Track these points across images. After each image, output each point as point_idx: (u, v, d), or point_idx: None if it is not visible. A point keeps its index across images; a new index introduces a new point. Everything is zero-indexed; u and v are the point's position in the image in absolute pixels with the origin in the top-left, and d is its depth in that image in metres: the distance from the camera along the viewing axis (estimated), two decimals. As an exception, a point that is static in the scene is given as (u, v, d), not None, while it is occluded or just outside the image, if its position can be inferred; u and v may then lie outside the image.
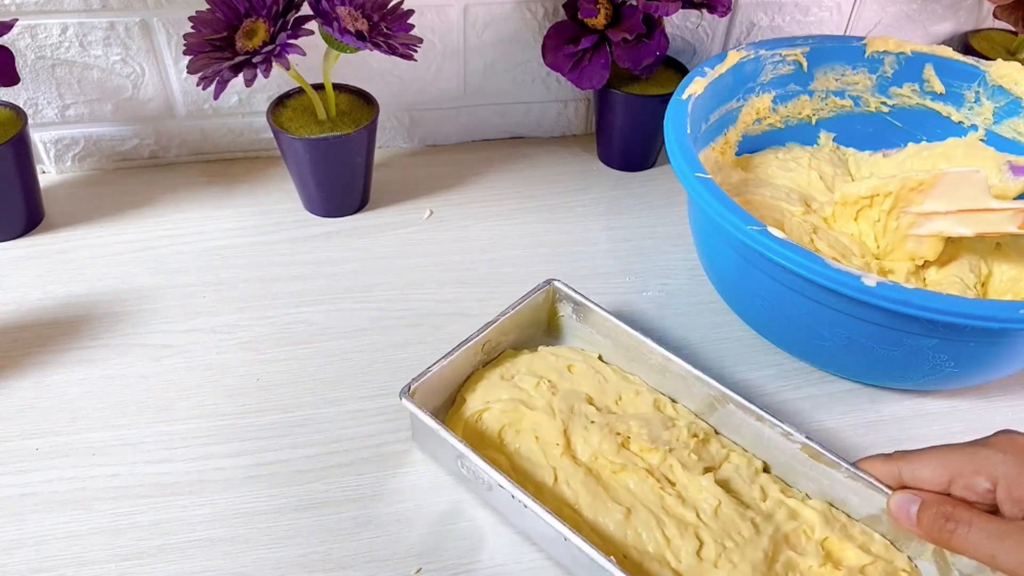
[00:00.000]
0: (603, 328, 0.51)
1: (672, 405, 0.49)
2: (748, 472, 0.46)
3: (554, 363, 0.51)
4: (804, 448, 0.44)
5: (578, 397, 0.49)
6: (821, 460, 0.43)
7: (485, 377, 0.50)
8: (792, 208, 0.58)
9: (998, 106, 0.62)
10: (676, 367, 0.48)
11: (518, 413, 0.47)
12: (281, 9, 0.53)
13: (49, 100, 0.64)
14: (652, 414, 0.48)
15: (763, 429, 0.45)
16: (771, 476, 0.46)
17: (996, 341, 0.45)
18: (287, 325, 0.56)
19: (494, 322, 0.49)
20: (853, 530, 0.43)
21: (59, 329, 0.54)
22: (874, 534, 0.43)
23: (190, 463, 0.47)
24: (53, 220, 0.63)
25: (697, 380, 0.47)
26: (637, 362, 0.50)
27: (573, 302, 0.52)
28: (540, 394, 0.48)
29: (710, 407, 0.48)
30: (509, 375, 0.50)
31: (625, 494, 0.44)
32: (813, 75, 0.64)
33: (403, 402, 0.44)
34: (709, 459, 0.46)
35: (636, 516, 0.43)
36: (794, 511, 0.44)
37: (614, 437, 0.46)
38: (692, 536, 0.42)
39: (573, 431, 0.46)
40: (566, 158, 0.74)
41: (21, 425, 0.48)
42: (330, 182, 0.63)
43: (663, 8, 0.60)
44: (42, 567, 0.41)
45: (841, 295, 0.43)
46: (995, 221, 0.52)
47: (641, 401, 0.49)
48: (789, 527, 0.43)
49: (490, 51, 0.69)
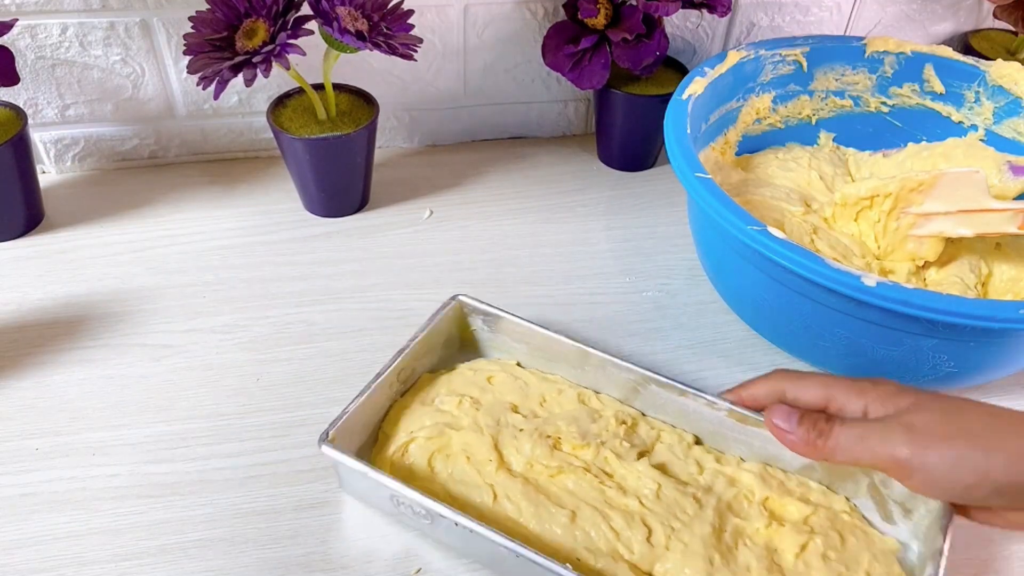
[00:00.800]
0: (516, 334, 0.50)
1: (596, 397, 0.49)
2: (681, 448, 0.46)
3: (473, 378, 0.50)
4: (730, 413, 0.45)
5: (503, 408, 0.48)
6: (748, 422, 0.45)
7: (405, 407, 0.48)
8: (792, 208, 0.58)
9: (998, 106, 0.62)
10: (594, 358, 0.48)
11: (444, 437, 0.46)
12: (281, 9, 0.53)
13: (49, 100, 0.64)
14: (578, 410, 0.48)
15: (687, 403, 0.46)
16: (703, 447, 0.47)
17: (996, 341, 0.45)
18: (287, 325, 0.56)
19: (405, 349, 0.48)
20: (790, 483, 0.45)
21: (59, 329, 0.54)
22: (810, 483, 0.45)
23: (190, 463, 0.47)
24: (53, 220, 0.63)
25: (616, 367, 0.47)
26: (555, 361, 0.50)
27: (482, 314, 0.51)
28: (464, 413, 0.47)
29: (633, 391, 0.48)
30: (429, 400, 0.48)
31: (567, 496, 0.43)
32: (813, 75, 0.64)
33: (323, 450, 0.42)
34: (641, 444, 0.46)
35: (581, 516, 0.42)
36: (732, 478, 0.45)
37: (545, 441, 0.45)
38: (639, 524, 0.42)
39: (504, 444, 0.46)
40: (566, 158, 0.74)
41: (21, 425, 0.48)
42: (330, 182, 0.63)
43: (663, 8, 0.60)
44: (42, 567, 0.41)
45: (841, 295, 0.43)
46: (995, 221, 0.52)
47: (565, 399, 0.49)
48: (730, 495, 0.44)
49: (490, 51, 0.69)
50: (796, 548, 0.41)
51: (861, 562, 0.41)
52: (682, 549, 0.41)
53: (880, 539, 0.43)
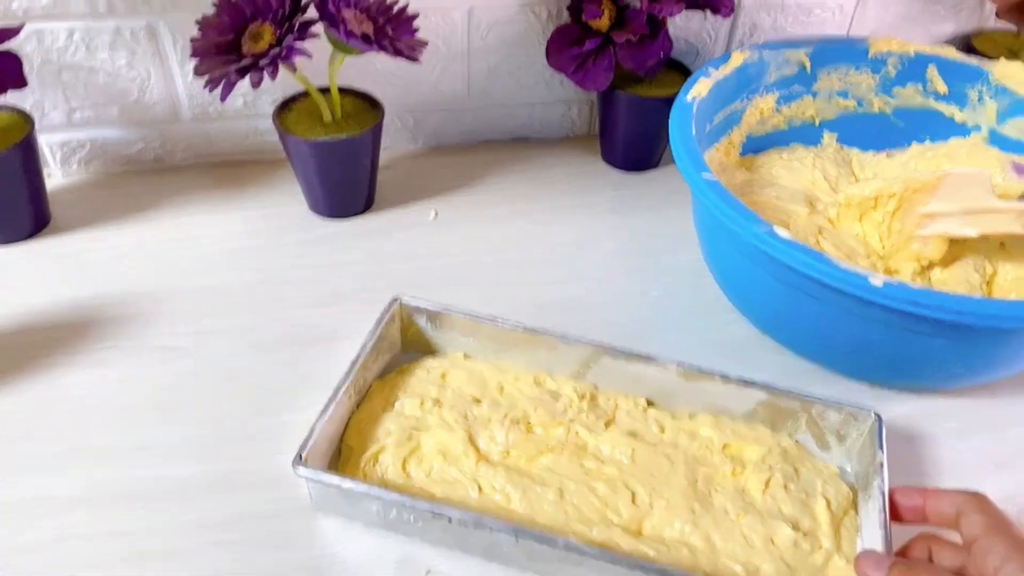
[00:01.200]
0: (463, 327, 0.51)
1: (551, 377, 0.51)
2: (638, 412, 0.49)
3: (427, 378, 0.50)
4: (678, 372, 0.48)
5: (466, 402, 0.49)
6: (694, 378, 0.48)
7: (365, 418, 0.48)
8: (797, 209, 0.58)
9: (1001, 106, 0.62)
10: (543, 340, 0.50)
11: (414, 441, 0.46)
12: (287, 12, 0.54)
13: (56, 104, 0.64)
14: (538, 392, 0.50)
15: (638, 368, 0.49)
16: (657, 408, 0.50)
17: (1004, 340, 0.45)
18: (295, 327, 0.56)
19: (358, 359, 0.47)
20: (741, 429, 0.48)
21: (66, 332, 0.55)
22: (757, 426, 0.49)
23: (201, 465, 0.47)
24: (59, 223, 0.63)
25: (566, 345, 0.49)
26: (505, 348, 0.51)
27: (426, 312, 0.51)
28: (428, 413, 0.48)
29: (584, 367, 0.50)
30: (389, 406, 0.48)
31: (549, 475, 0.45)
32: (816, 76, 0.65)
33: (299, 471, 0.41)
34: (604, 414, 0.49)
35: (567, 491, 0.44)
36: (691, 431, 0.48)
37: (516, 427, 0.47)
38: (623, 489, 0.45)
39: (477, 435, 0.47)
40: (570, 159, 0.74)
41: (30, 428, 0.48)
42: (336, 184, 0.63)
43: (667, 9, 0.60)
44: (54, 570, 0.42)
45: (848, 295, 0.43)
46: (1000, 221, 0.52)
47: (522, 384, 0.50)
48: (694, 448, 0.47)
49: (494, 53, 0.70)
50: (761, 485, 0.45)
51: (816, 487, 0.46)
52: (665, 505, 0.44)
53: (824, 465, 0.48)
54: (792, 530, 0.43)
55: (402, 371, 0.51)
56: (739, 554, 0.42)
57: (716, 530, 0.43)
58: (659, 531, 0.43)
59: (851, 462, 0.48)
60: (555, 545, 0.39)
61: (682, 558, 0.42)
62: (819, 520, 0.44)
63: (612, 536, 0.42)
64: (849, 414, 0.47)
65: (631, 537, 0.42)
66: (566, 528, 0.43)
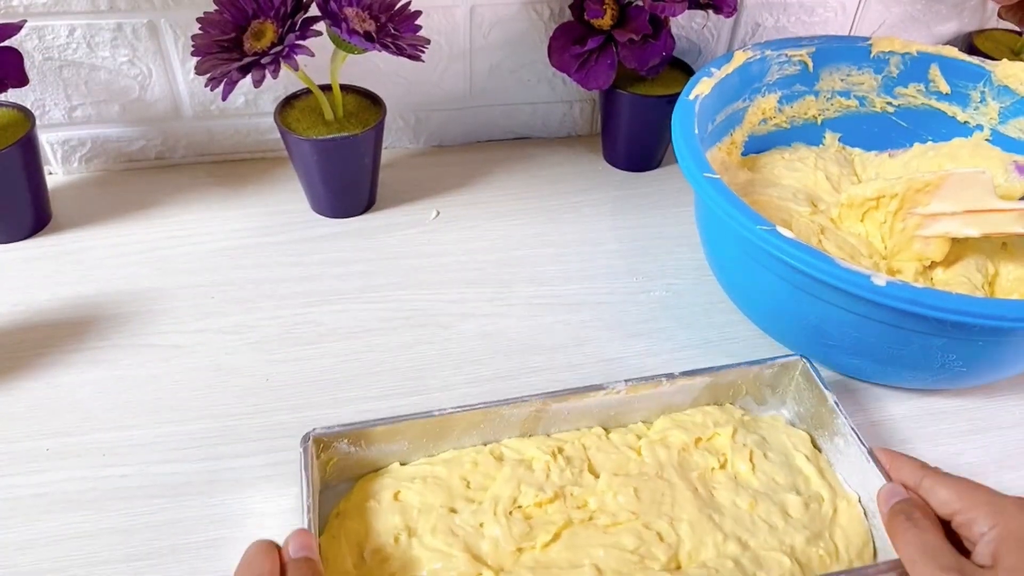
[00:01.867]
0: (391, 435, 0.44)
1: (506, 447, 0.46)
2: (604, 444, 0.47)
3: (380, 508, 0.42)
4: (629, 389, 0.47)
5: (440, 516, 0.42)
6: (643, 388, 0.47)
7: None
8: (799, 209, 0.58)
9: (1004, 106, 0.62)
10: (483, 414, 0.45)
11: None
12: (289, 10, 0.53)
13: (56, 101, 0.64)
14: (508, 469, 0.44)
15: (588, 402, 0.47)
16: (616, 432, 0.48)
17: (1005, 340, 0.45)
18: (295, 326, 0.56)
19: (308, 525, 0.39)
20: (698, 418, 0.48)
21: (68, 330, 0.54)
22: (707, 408, 0.49)
23: (200, 463, 0.47)
24: (60, 221, 0.63)
25: (510, 408, 0.45)
26: (442, 438, 0.45)
27: (347, 437, 0.43)
28: (408, 547, 0.41)
29: (535, 420, 0.46)
30: (358, 561, 0.40)
31: (572, 553, 0.41)
32: (819, 75, 0.64)
33: None
34: (580, 461, 0.45)
35: (600, 561, 0.41)
36: (662, 441, 0.47)
37: (511, 518, 0.42)
38: (646, 531, 0.42)
39: (476, 547, 0.41)
40: (572, 159, 0.74)
41: (31, 426, 0.48)
42: (337, 183, 0.63)
43: (669, 9, 0.60)
44: (54, 567, 0.42)
45: (851, 295, 0.43)
46: (1002, 222, 0.52)
47: (485, 466, 0.45)
48: (674, 456, 0.46)
49: (496, 52, 0.70)
50: (747, 463, 0.46)
51: (784, 442, 0.47)
52: (688, 528, 0.43)
53: (772, 419, 0.49)
54: (797, 495, 0.44)
55: (342, 514, 0.43)
56: (771, 542, 0.42)
57: (742, 529, 0.43)
58: (696, 556, 0.42)
59: (788, 407, 0.50)
60: None
61: (731, 571, 0.41)
62: (807, 475, 0.46)
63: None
64: (780, 366, 0.49)
65: (680, 574, 0.41)
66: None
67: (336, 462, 0.44)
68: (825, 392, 0.47)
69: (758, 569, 0.41)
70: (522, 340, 0.56)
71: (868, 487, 0.43)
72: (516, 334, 0.56)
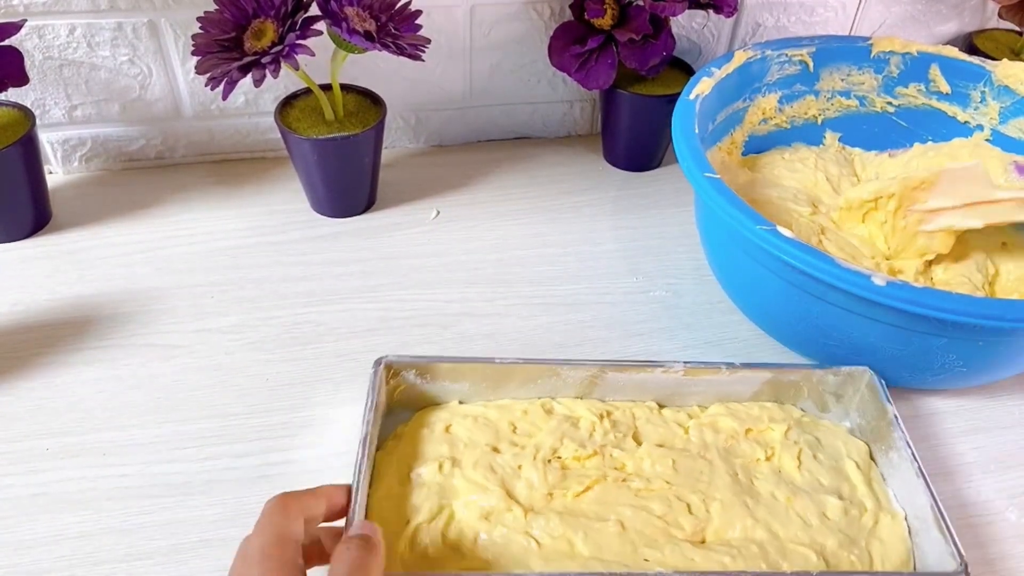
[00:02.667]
0: (455, 375, 0.47)
1: (559, 403, 0.48)
2: (654, 417, 0.48)
3: (431, 437, 0.45)
4: (685, 371, 0.47)
5: (483, 452, 0.44)
6: (702, 372, 0.48)
7: (382, 497, 0.42)
8: (800, 209, 0.58)
9: (1004, 106, 0.62)
10: (544, 369, 0.47)
11: (446, 511, 0.42)
12: (289, 10, 0.53)
13: (57, 101, 0.64)
14: (555, 423, 0.46)
15: (644, 377, 0.48)
16: (670, 409, 0.49)
17: (1005, 340, 0.45)
18: (295, 325, 0.56)
19: (365, 439, 0.42)
20: (754, 411, 0.48)
21: (67, 329, 0.54)
22: (766, 404, 0.49)
23: (200, 463, 0.47)
24: (61, 221, 0.63)
25: (570, 369, 0.47)
26: (501, 385, 0.48)
27: (416, 368, 0.47)
28: (449, 476, 0.43)
29: (590, 386, 0.48)
30: (404, 480, 0.43)
31: (601, 508, 0.43)
32: (819, 75, 0.64)
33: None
34: (627, 429, 0.47)
35: (626, 520, 0.42)
36: (712, 425, 0.48)
37: (549, 466, 0.44)
38: (677, 501, 0.43)
39: (511, 486, 0.43)
40: (572, 158, 0.74)
41: (31, 425, 0.48)
42: (337, 182, 0.63)
43: (670, 8, 0.60)
44: (54, 567, 0.42)
45: (851, 294, 0.43)
46: (1002, 211, 0.52)
47: (534, 417, 0.47)
48: (721, 440, 0.47)
49: (496, 51, 0.70)
50: (795, 462, 0.46)
51: (839, 448, 0.47)
52: (720, 507, 0.43)
53: (832, 426, 0.49)
54: (838, 499, 0.44)
55: (399, 436, 0.46)
56: (802, 537, 0.42)
57: (774, 519, 0.43)
58: (723, 535, 0.42)
59: (851, 418, 0.50)
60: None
61: (754, 555, 0.41)
62: (854, 482, 0.45)
63: (684, 553, 0.41)
64: (846, 374, 0.48)
65: (701, 549, 0.41)
66: (636, 555, 0.41)
67: (403, 390, 0.47)
68: (886, 405, 0.46)
69: (782, 559, 0.41)
70: (522, 340, 0.55)
71: (915, 504, 0.43)
72: (516, 334, 0.56)
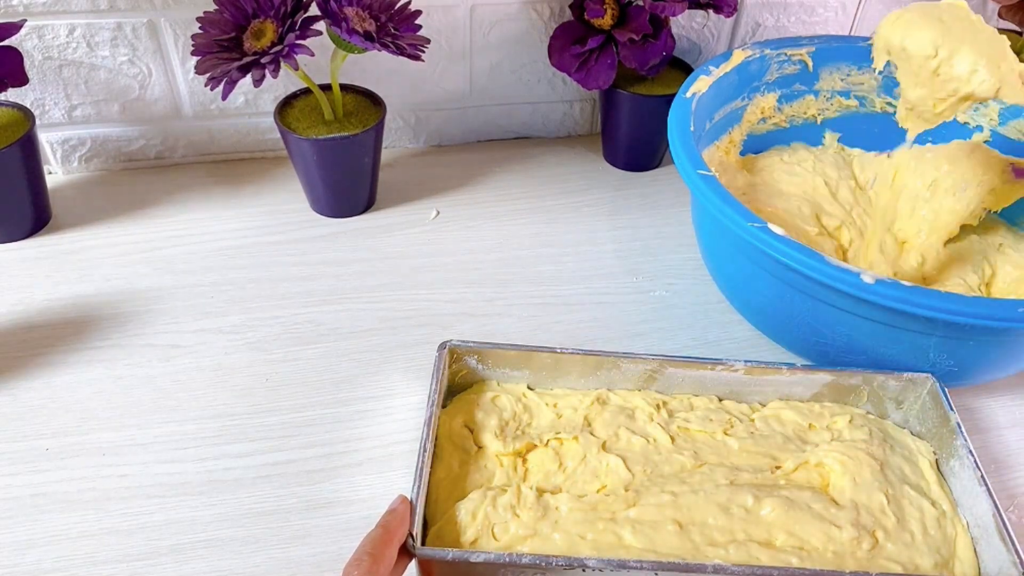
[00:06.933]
0: (516, 362, 0.48)
1: (614, 394, 0.49)
2: (714, 406, 0.49)
3: (511, 404, 0.47)
4: (747, 370, 0.48)
5: (552, 430, 0.46)
6: (761, 372, 0.48)
7: (443, 478, 0.43)
8: (808, 228, 0.58)
9: (1003, 107, 0.62)
10: (604, 361, 0.48)
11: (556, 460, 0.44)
12: (289, 10, 0.54)
13: (56, 101, 0.64)
14: (608, 414, 0.47)
15: (704, 374, 0.48)
16: (730, 402, 0.49)
17: (997, 340, 0.45)
18: (295, 325, 0.56)
19: (430, 418, 0.43)
20: (816, 409, 0.49)
21: (67, 330, 0.55)
22: (827, 403, 0.49)
23: (200, 463, 0.47)
24: (60, 221, 0.63)
25: (630, 362, 0.48)
26: (560, 376, 0.49)
27: (476, 354, 0.48)
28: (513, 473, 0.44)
29: (649, 379, 0.49)
30: (470, 419, 0.46)
31: (702, 481, 0.43)
32: (819, 75, 0.64)
33: (420, 552, 0.38)
34: (685, 415, 0.48)
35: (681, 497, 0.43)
36: (776, 416, 0.48)
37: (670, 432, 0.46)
38: (752, 496, 0.43)
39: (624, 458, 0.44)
40: (572, 158, 0.74)
41: (31, 426, 0.48)
42: (337, 182, 0.63)
43: (669, 8, 0.60)
44: (54, 567, 0.42)
45: (841, 292, 0.43)
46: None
47: (578, 400, 0.48)
48: (789, 431, 0.47)
49: (496, 51, 0.70)
50: (867, 457, 0.45)
51: (908, 443, 0.47)
52: (786, 504, 0.42)
53: (895, 426, 0.49)
54: (929, 503, 0.43)
55: (460, 398, 0.48)
56: (902, 554, 0.41)
57: (870, 518, 0.42)
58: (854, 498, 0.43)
59: (910, 425, 0.49)
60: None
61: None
62: (928, 479, 0.45)
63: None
64: (908, 380, 0.48)
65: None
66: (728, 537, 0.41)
67: (464, 374, 0.49)
68: (949, 412, 0.46)
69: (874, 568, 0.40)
70: (522, 340, 0.55)
71: (976, 512, 0.43)
72: (516, 334, 0.56)
